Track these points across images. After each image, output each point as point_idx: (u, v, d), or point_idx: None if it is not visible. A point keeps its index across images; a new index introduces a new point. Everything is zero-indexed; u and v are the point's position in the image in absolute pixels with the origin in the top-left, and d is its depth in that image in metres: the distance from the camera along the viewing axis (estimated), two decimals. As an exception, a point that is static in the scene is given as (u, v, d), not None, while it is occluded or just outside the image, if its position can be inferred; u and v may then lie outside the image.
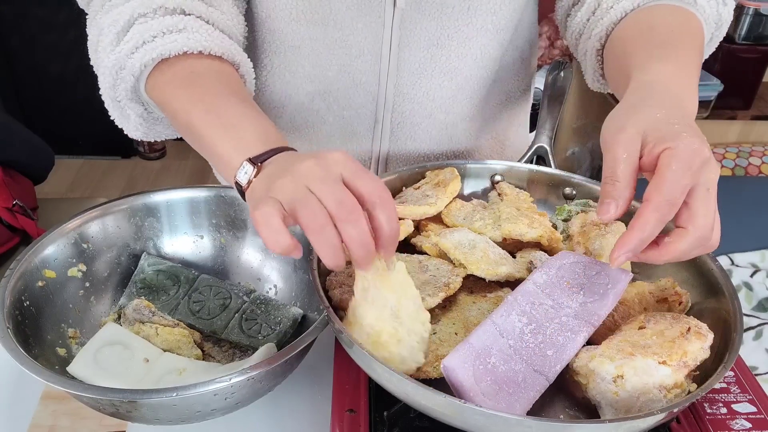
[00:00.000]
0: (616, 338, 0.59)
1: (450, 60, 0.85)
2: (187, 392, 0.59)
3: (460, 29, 0.82)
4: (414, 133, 0.91)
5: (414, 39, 0.82)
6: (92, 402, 0.63)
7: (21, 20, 2.69)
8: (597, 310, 0.60)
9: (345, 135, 0.91)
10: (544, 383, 0.56)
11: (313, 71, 0.84)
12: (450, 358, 0.55)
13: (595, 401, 0.58)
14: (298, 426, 0.73)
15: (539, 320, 0.60)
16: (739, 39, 2.09)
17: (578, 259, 0.66)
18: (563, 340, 0.58)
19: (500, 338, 0.58)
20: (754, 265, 1.69)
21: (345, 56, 0.83)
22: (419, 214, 0.73)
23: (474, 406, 0.51)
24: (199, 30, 0.68)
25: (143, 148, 3.05)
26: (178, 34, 0.66)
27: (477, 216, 0.75)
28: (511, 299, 0.61)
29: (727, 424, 0.63)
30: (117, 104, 0.72)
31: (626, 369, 0.55)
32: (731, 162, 2.15)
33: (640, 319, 0.61)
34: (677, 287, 0.68)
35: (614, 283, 0.62)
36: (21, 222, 1.37)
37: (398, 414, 0.65)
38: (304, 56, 0.83)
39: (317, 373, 0.77)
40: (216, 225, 0.86)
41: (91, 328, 0.77)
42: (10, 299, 0.68)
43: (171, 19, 0.67)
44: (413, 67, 0.85)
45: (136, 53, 0.66)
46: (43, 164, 1.58)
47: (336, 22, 0.79)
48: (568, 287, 0.62)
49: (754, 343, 1.50)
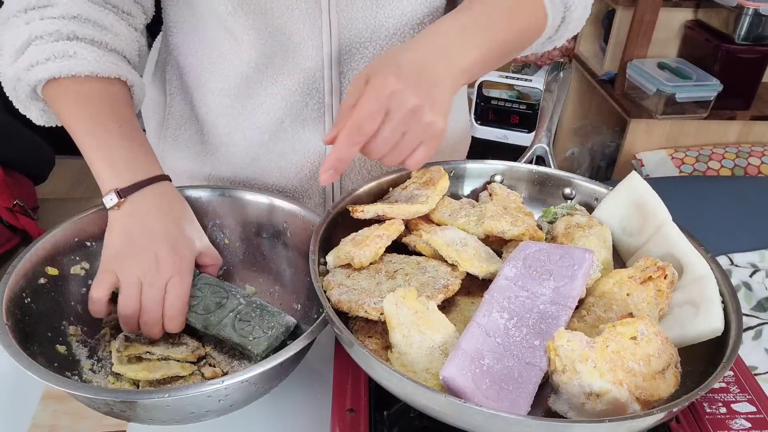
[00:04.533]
0: (611, 344, 0.56)
1: (389, 38, 0.86)
2: (179, 393, 0.59)
3: (395, 4, 0.83)
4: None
5: (352, 20, 0.83)
6: (87, 401, 0.63)
7: (21, 20, 2.69)
8: (570, 292, 0.62)
9: (295, 123, 0.92)
10: (539, 373, 0.56)
11: (260, 60, 0.86)
12: (447, 368, 0.55)
13: (555, 389, 0.56)
14: (298, 426, 0.73)
15: (519, 313, 0.61)
16: (739, 39, 2.09)
17: (540, 246, 0.67)
18: (546, 327, 0.59)
19: (488, 338, 0.58)
20: (753, 265, 1.69)
21: (287, 42, 0.84)
22: (411, 213, 0.73)
23: (474, 406, 0.51)
24: (87, 57, 0.75)
25: (143, 148, 3.04)
26: (68, 60, 0.74)
27: (462, 213, 0.76)
28: (488, 298, 0.62)
29: (726, 423, 0.63)
30: (19, 102, 0.80)
31: (608, 396, 0.54)
32: (731, 162, 2.15)
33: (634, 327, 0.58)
34: (658, 262, 0.67)
35: (579, 263, 0.64)
36: (22, 222, 1.37)
37: (398, 414, 0.65)
38: (249, 46, 0.85)
39: (317, 373, 0.78)
40: (218, 225, 0.86)
41: (92, 326, 0.77)
42: (10, 296, 0.68)
43: (62, 45, 0.74)
44: (354, 48, 0.86)
45: (32, 71, 0.74)
46: (43, 164, 1.58)
47: (273, 10, 0.81)
48: (538, 275, 0.63)
49: (753, 343, 1.51)
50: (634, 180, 0.77)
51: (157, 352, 0.73)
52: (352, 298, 0.63)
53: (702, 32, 2.19)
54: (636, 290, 0.65)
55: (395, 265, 0.69)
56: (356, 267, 0.68)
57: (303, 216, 0.82)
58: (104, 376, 0.74)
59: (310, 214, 0.81)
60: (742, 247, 1.72)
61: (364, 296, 0.63)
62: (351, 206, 0.73)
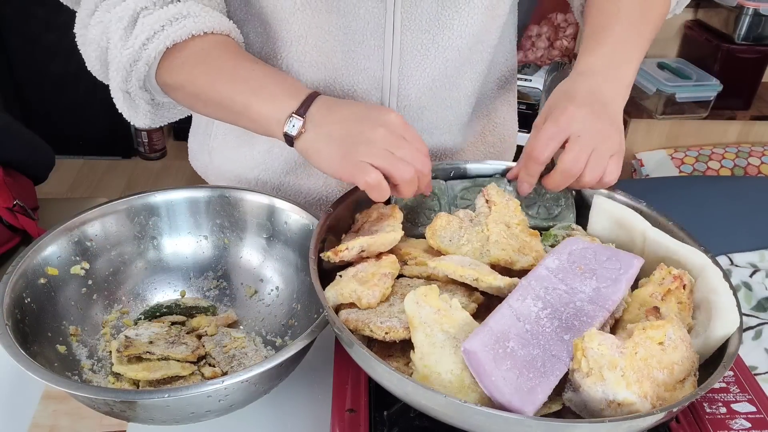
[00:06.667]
0: (640, 351, 0.54)
1: (452, 39, 0.85)
2: (179, 394, 0.59)
3: (460, 8, 0.83)
4: (421, 114, 0.92)
5: (415, 21, 0.83)
6: (87, 401, 0.63)
7: (21, 20, 2.69)
8: (611, 295, 0.60)
9: None
10: (563, 368, 0.55)
11: (319, 59, 0.85)
12: (470, 341, 0.54)
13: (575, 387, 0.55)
14: (298, 426, 0.73)
15: (554, 305, 0.59)
16: (739, 39, 2.09)
17: (588, 245, 0.65)
18: (579, 324, 0.57)
19: (517, 322, 0.57)
20: (753, 265, 1.69)
21: (349, 42, 0.83)
22: (390, 241, 0.69)
23: (473, 406, 0.51)
24: (200, 14, 0.74)
25: (143, 148, 3.05)
26: (184, 20, 0.72)
27: (464, 238, 0.71)
28: (525, 284, 0.61)
29: (726, 423, 0.63)
30: (127, 96, 0.78)
31: (630, 407, 0.52)
32: (730, 162, 2.15)
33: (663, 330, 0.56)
34: (672, 270, 0.65)
35: (626, 268, 0.62)
36: (22, 222, 1.37)
37: (398, 414, 0.65)
38: (310, 45, 0.84)
39: (317, 373, 0.78)
40: (219, 225, 0.86)
41: (92, 326, 0.78)
42: (10, 296, 0.68)
43: (174, 7, 0.73)
44: (416, 49, 0.85)
45: (150, 44, 0.72)
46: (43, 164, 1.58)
47: (339, 9, 0.80)
48: (581, 272, 0.62)
49: (753, 343, 1.51)
50: (599, 202, 0.76)
51: (157, 352, 0.73)
52: (358, 317, 0.62)
53: (702, 32, 2.19)
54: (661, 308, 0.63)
55: (407, 288, 0.67)
56: (363, 307, 0.63)
57: (303, 216, 0.82)
58: (104, 376, 0.74)
59: (310, 214, 0.81)
60: (742, 247, 1.72)
61: (371, 315, 0.62)
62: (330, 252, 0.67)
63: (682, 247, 0.68)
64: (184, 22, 0.72)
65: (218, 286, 0.86)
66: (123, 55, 0.73)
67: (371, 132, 0.68)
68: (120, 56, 0.73)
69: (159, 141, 3.06)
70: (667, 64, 2.20)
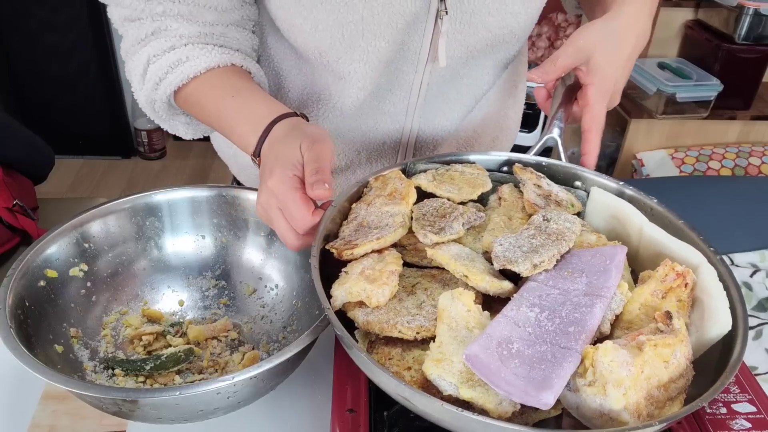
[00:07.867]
0: (646, 369, 0.53)
1: (473, 87, 0.92)
2: (190, 391, 0.59)
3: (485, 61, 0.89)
4: (437, 144, 0.98)
5: (440, 76, 0.88)
6: (94, 401, 0.63)
7: (21, 20, 2.69)
8: (603, 283, 0.60)
9: (371, 156, 0.98)
10: (576, 356, 0.54)
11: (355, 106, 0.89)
12: (471, 347, 0.54)
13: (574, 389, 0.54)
14: (298, 426, 0.73)
15: (551, 306, 0.59)
16: (739, 39, 2.09)
17: (571, 251, 0.65)
18: (580, 315, 0.57)
19: (517, 327, 0.57)
20: (753, 265, 1.69)
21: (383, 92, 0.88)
22: (396, 239, 0.68)
23: (471, 415, 0.50)
24: (199, 55, 0.78)
25: (143, 148, 3.05)
26: (182, 66, 0.78)
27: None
28: (517, 296, 0.61)
29: (726, 424, 0.63)
30: (163, 121, 0.85)
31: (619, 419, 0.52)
32: (731, 162, 2.15)
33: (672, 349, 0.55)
34: (676, 266, 0.63)
35: (611, 258, 0.62)
36: (21, 222, 1.37)
37: (398, 414, 0.65)
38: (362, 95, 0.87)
39: (317, 373, 0.78)
40: (217, 225, 0.86)
41: (92, 327, 0.77)
42: (12, 299, 0.69)
43: (175, 54, 0.78)
44: (439, 98, 0.91)
45: (158, 89, 0.79)
46: (43, 164, 1.57)
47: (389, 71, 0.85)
48: (570, 275, 0.62)
49: (753, 343, 1.51)
50: (596, 195, 0.75)
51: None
52: (381, 319, 0.61)
53: (702, 32, 2.19)
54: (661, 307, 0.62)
55: (411, 279, 0.67)
56: (372, 306, 0.62)
57: (303, 216, 0.82)
58: (107, 378, 0.74)
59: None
60: (742, 247, 1.72)
61: (392, 315, 0.61)
62: (337, 249, 0.67)
63: (678, 244, 0.67)
64: (182, 68, 0.77)
65: (217, 285, 0.86)
66: (141, 98, 0.82)
67: (260, 192, 0.70)
68: (140, 97, 0.82)
69: (159, 141, 3.06)
70: (668, 63, 2.20)
